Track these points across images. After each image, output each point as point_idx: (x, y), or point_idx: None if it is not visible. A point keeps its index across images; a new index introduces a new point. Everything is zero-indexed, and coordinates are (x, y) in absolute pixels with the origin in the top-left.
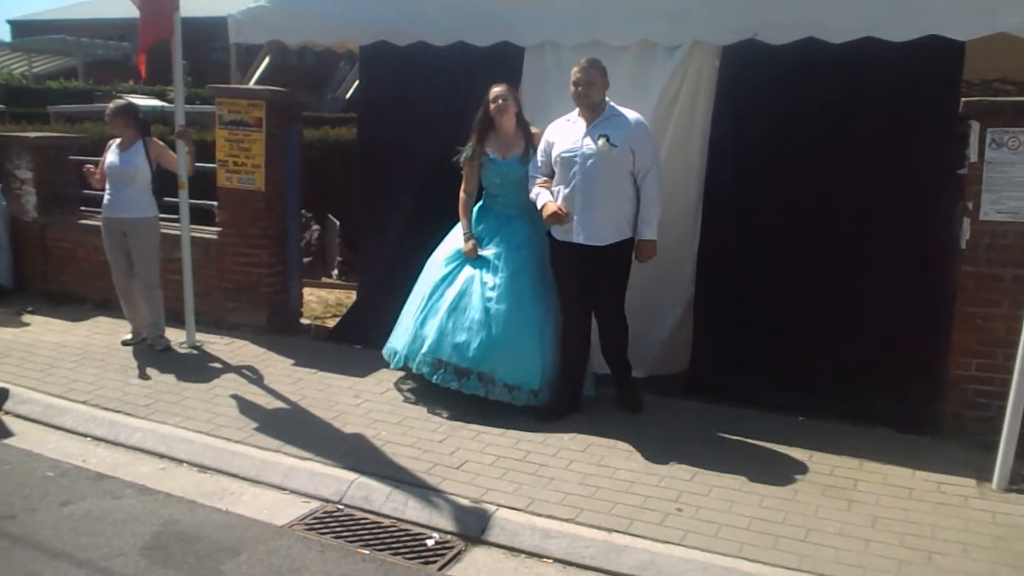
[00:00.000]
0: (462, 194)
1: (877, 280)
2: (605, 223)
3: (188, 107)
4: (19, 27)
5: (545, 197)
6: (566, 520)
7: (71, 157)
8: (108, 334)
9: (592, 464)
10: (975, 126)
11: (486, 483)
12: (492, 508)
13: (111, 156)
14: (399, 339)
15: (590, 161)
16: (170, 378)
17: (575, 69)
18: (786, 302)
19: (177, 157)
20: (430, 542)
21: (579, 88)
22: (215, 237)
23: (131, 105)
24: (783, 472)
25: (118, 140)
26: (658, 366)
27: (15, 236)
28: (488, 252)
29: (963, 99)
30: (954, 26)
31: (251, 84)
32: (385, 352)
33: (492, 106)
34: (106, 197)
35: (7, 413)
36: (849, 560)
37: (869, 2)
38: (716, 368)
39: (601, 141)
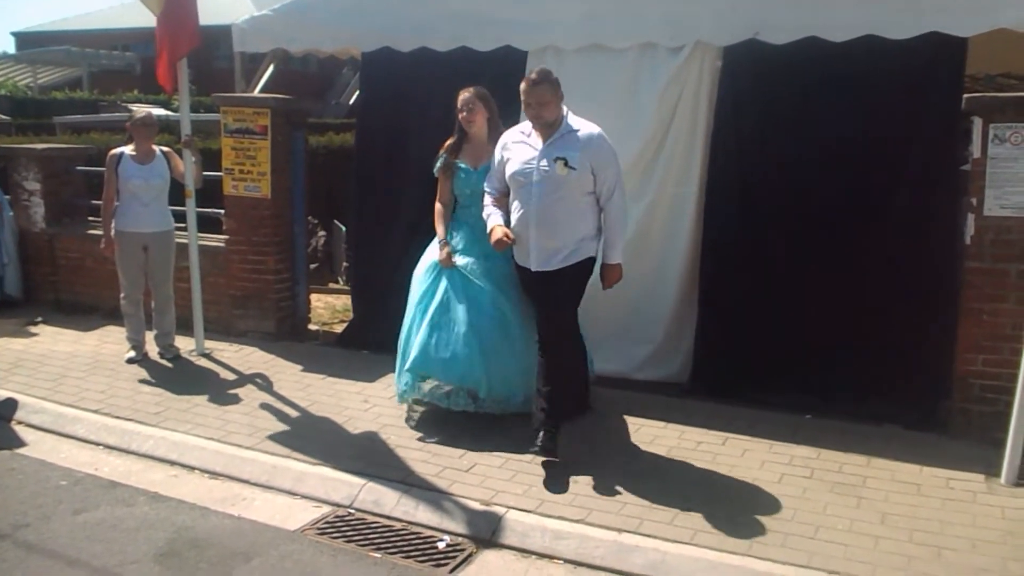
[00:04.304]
0: (437, 204)
1: (882, 277)
2: (562, 248)
3: (193, 115)
4: (23, 39)
5: (495, 220)
6: (576, 521)
7: (78, 168)
8: (118, 343)
9: (601, 465)
10: (978, 122)
11: (496, 485)
12: (502, 510)
13: (133, 170)
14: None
15: (546, 184)
16: (180, 386)
17: (523, 86)
18: (790, 301)
19: (184, 166)
20: (441, 544)
21: (531, 110)
22: (222, 245)
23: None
24: (791, 470)
25: (128, 152)
26: (657, 369)
27: (24, 247)
28: (466, 262)
29: (965, 95)
30: (955, 23)
31: (256, 92)
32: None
33: (460, 115)
34: (127, 211)
35: (20, 423)
36: (859, 557)
37: (870, 0)
38: (721, 368)
39: (558, 164)
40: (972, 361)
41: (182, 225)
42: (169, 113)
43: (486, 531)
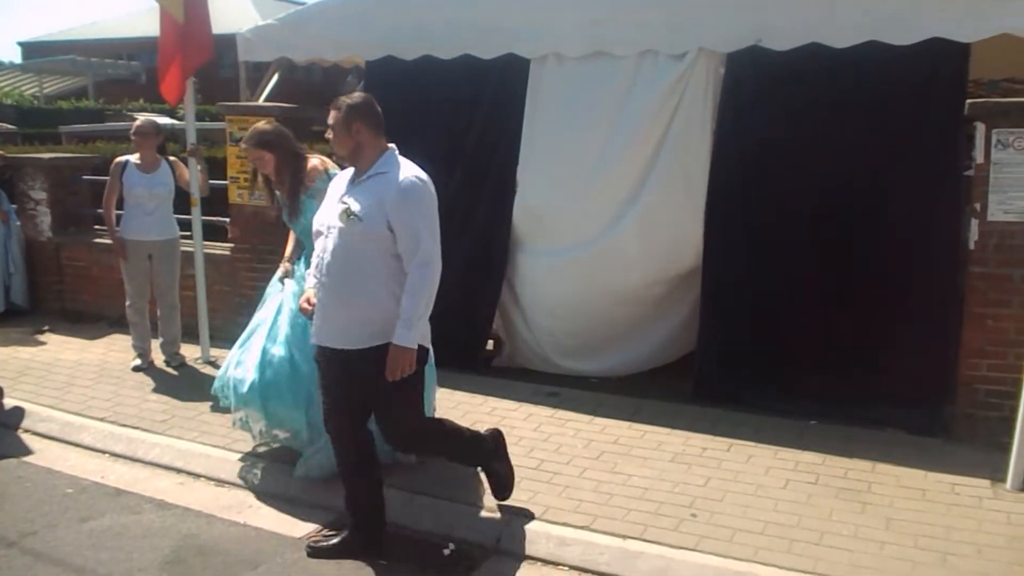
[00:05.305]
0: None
1: (885, 283)
2: (355, 321)
3: (198, 124)
4: (29, 48)
5: (310, 281)
6: (581, 527)
7: (84, 177)
8: (124, 351)
9: (606, 471)
10: (980, 127)
11: None
12: (507, 517)
13: (136, 179)
14: None
15: (335, 237)
16: (186, 394)
17: None
18: (794, 307)
19: (189, 175)
20: (446, 552)
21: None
22: (227, 253)
23: (157, 124)
24: (797, 476)
25: (133, 160)
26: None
27: (30, 256)
28: (290, 288)
29: (968, 101)
30: (958, 28)
31: (260, 101)
32: None
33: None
34: (131, 220)
35: (27, 431)
36: (864, 562)
37: (872, 6)
38: (724, 375)
39: (341, 211)
40: (977, 366)
41: (188, 233)
42: (174, 122)
43: (491, 538)
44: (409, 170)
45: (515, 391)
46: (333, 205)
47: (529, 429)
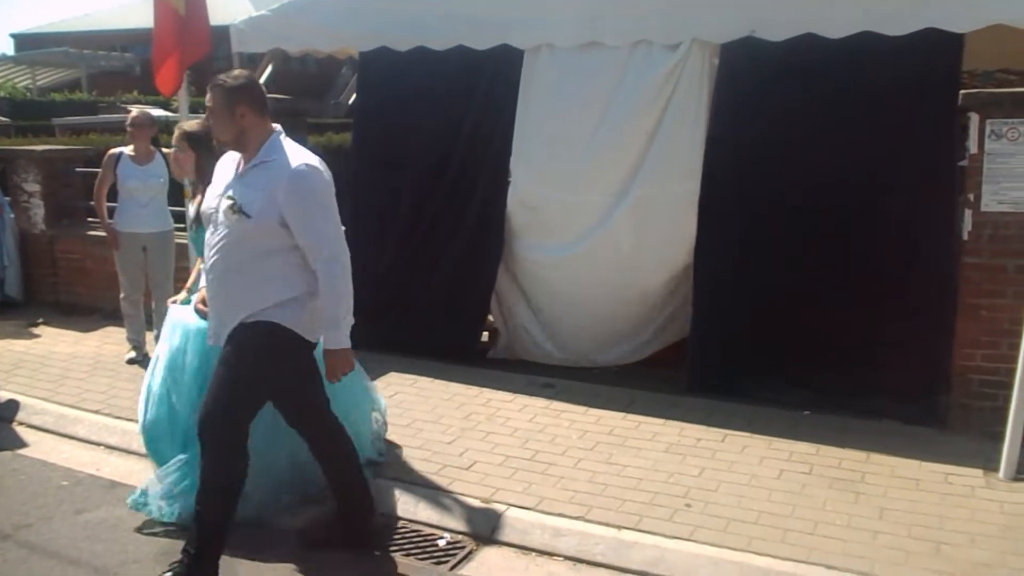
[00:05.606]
0: None
1: (879, 273)
2: (239, 317)
3: (192, 116)
4: (22, 40)
5: (203, 279)
6: (576, 518)
7: (77, 169)
8: (119, 344)
9: (600, 462)
10: (974, 118)
11: (496, 483)
12: (502, 508)
13: (130, 171)
14: None
15: (222, 235)
16: None
17: None
18: (787, 298)
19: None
20: (442, 542)
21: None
22: None
23: (151, 115)
24: (790, 466)
25: (127, 152)
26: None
27: (24, 249)
28: (170, 319)
29: (962, 91)
30: (952, 19)
31: None
32: None
33: None
34: (125, 212)
35: (21, 424)
36: (857, 552)
37: None
38: (718, 367)
39: (226, 208)
40: (971, 356)
41: (182, 225)
42: (168, 114)
43: (486, 528)
44: (298, 156)
45: (510, 382)
46: (218, 198)
47: (524, 420)
